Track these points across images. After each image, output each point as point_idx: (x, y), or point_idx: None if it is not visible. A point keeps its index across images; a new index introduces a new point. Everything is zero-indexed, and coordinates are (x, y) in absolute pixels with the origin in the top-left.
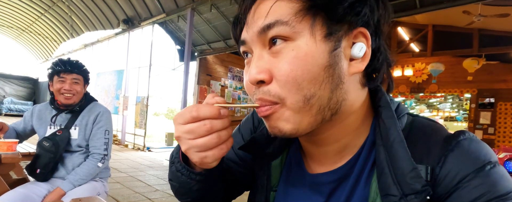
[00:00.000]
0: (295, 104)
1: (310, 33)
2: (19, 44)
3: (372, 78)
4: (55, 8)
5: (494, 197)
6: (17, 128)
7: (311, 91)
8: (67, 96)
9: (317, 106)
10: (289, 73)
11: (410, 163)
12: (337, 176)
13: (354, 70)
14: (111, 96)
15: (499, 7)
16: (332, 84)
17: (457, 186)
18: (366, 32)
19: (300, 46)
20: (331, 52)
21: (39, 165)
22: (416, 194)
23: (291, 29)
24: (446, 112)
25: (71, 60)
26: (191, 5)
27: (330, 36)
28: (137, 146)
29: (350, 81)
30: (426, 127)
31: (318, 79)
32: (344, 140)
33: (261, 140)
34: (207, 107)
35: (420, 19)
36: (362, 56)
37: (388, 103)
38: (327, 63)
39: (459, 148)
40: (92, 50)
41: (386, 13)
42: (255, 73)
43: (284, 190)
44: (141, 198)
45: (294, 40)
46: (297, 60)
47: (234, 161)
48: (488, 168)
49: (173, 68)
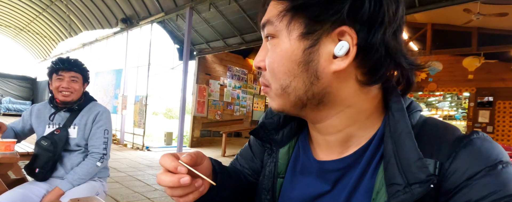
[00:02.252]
0: (275, 90)
1: (287, 32)
2: (17, 44)
3: (374, 76)
4: (53, 7)
5: (504, 196)
6: (15, 127)
7: (286, 82)
8: (65, 94)
9: (294, 95)
10: (269, 64)
11: (416, 153)
12: (344, 164)
13: (335, 68)
14: (110, 95)
15: (498, 5)
16: (306, 79)
17: (467, 183)
18: (350, 30)
19: (279, 43)
20: (306, 50)
21: (37, 165)
22: (420, 183)
23: (274, 28)
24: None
25: (70, 58)
26: (190, 4)
27: (307, 35)
28: (136, 145)
29: (336, 78)
30: (439, 125)
31: (292, 73)
32: (347, 131)
33: (270, 126)
34: (169, 160)
35: (419, 18)
36: (344, 55)
37: (399, 97)
38: (300, 60)
39: (472, 145)
40: (91, 49)
41: (383, 5)
42: (256, 61)
43: (291, 177)
44: (140, 198)
45: (277, 37)
46: (275, 55)
47: (248, 173)
48: (499, 167)
49: (172, 68)
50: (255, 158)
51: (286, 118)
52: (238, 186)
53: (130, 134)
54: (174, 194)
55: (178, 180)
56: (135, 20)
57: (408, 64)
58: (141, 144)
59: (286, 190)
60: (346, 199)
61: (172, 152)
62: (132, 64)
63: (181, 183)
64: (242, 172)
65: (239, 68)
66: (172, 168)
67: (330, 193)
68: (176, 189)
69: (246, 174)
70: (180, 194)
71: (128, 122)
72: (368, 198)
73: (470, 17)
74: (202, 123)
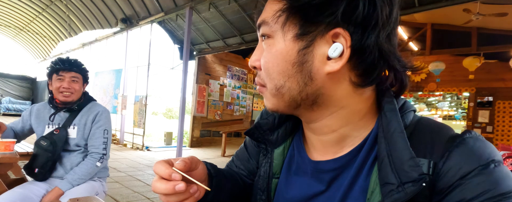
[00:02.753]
0: (270, 90)
1: (282, 33)
2: (17, 44)
3: (368, 77)
4: (53, 7)
5: (497, 194)
6: (15, 127)
7: (280, 82)
8: (66, 95)
9: (288, 95)
10: (264, 64)
11: (409, 152)
12: (338, 164)
13: (329, 69)
14: (110, 95)
15: (497, 5)
16: (300, 80)
17: (460, 182)
18: (344, 32)
19: (274, 44)
20: (300, 51)
21: (37, 165)
22: (413, 182)
23: (269, 28)
24: (444, 110)
25: (70, 59)
26: (190, 4)
27: (302, 36)
28: (136, 145)
29: (330, 79)
30: (433, 125)
31: (286, 73)
32: (341, 131)
33: (265, 126)
34: (163, 167)
35: (418, 18)
36: (338, 57)
37: (391, 98)
38: (295, 60)
39: (464, 145)
40: (90, 49)
41: (377, 8)
42: (251, 61)
43: (286, 177)
44: (140, 198)
45: (272, 38)
46: (270, 55)
47: (244, 175)
48: (492, 166)
49: (172, 67)
50: (251, 159)
51: (281, 118)
52: (235, 188)
53: (130, 134)
54: (169, 201)
55: (173, 187)
56: (135, 20)
57: (401, 66)
58: (141, 144)
59: (281, 191)
60: (341, 199)
61: (166, 159)
62: (132, 64)
63: (176, 190)
64: (238, 174)
65: (239, 68)
66: (166, 175)
67: (325, 193)
68: (171, 196)
69: (242, 176)
70: (175, 201)
71: (128, 122)
72: (363, 198)
73: (470, 17)
74: (202, 123)
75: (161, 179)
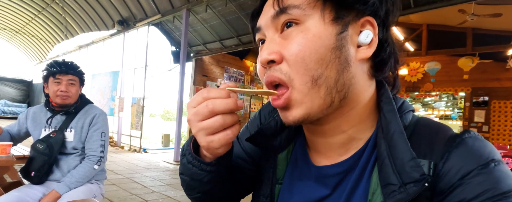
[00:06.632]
0: (304, 85)
1: (320, 16)
2: (13, 46)
3: (380, 70)
4: (49, 10)
5: (497, 194)
6: (11, 130)
7: (318, 71)
8: (64, 98)
9: (325, 86)
10: (297, 53)
11: (409, 153)
12: (343, 168)
13: (361, 56)
14: (107, 97)
15: (492, 6)
16: (339, 66)
17: (460, 182)
18: (373, 21)
19: (309, 28)
20: (338, 35)
21: (33, 168)
22: (415, 183)
23: (302, 12)
24: (441, 110)
25: (66, 61)
26: (187, 5)
27: (337, 19)
28: (133, 148)
29: (358, 68)
30: (432, 125)
31: (325, 60)
32: (350, 132)
33: (268, 131)
34: (216, 89)
35: (414, 19)
36: (368, 43)
37: (390, 98)
38: (334, 45)
39: (464, 145)
40: (87, 51)
41: (395, 7)
42: (266, 54)
43: (290, 183)
44: (138, 200)
45: (304, 22)
46: (305, 41)
47: (242, 157)
48: (492, 165)
49: (169, 69)
50: (250, 159)
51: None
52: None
53: (127, 136)
54: (226, 121)
55: (235, 101)
56: (131, 22)
57: (398, 59)
58: (138, 146)
59: (284, 196)
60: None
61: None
62: (129, 66)
63: (239, 105)
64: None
65: (236, 70)
66: (225, 94)
67: (330, 197)
68: (228, 115)
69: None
70: (231, 122)
71: (125, 124)
72: (365, 200)
73: (465, 18)
74: None
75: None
